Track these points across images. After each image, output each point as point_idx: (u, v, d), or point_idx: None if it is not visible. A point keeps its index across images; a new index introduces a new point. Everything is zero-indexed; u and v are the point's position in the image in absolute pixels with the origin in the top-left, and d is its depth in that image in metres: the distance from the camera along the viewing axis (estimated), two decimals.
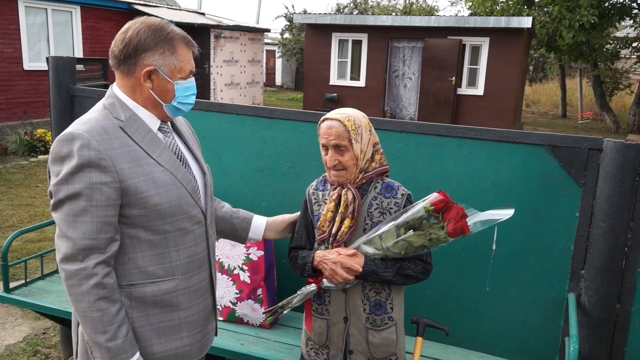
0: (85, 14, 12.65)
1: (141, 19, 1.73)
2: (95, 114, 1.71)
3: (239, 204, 3.14)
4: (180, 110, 1.79)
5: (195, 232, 1.81)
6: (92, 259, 1.61)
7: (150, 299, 1.74)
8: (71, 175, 1.59)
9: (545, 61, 31.36)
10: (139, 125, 1.73)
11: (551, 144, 2.60)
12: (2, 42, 10.99)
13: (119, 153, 1.64)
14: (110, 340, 1.63)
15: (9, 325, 4.13)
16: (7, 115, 10.95)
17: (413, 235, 1.96)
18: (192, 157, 1.90)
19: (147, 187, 1.66)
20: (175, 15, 14.77)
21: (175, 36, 1.71)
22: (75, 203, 1.60)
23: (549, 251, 2.68)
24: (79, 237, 1.60)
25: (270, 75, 30.16)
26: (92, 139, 1.60)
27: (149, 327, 1.75)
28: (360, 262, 2.01)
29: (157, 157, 1.72)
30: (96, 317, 1.62)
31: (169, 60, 1.70)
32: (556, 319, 2.71)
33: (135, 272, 1.72)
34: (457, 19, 15.48)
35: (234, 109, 3.20)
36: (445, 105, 15.29)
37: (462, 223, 1.95)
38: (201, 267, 1.86)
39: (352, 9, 29.25)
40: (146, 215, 1.68)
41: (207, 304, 1.92)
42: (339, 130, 2.00)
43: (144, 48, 1.67)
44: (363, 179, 2.07)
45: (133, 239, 1.70)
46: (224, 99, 16.15)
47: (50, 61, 3.61)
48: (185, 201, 1.76)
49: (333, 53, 16.66)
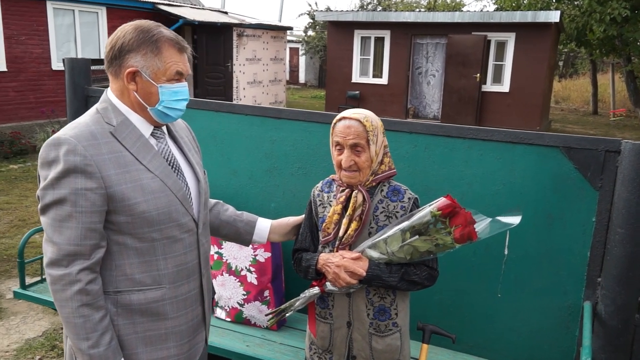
0: (111, 14, 12.84)
1: (134, 22, 1.71)
2: (87, 118, 1.69)
3: (248, 204, 3.13)
4: (168, 115, 1.74)
5: (185, 240, 1.77)
6: (77, 264, 1.59)
7: (136, 307, 1.70)
8: (57, 180, 1.57)
9: (575, 56, 30.72)
10: (131, 130, 1.69)
11: (566, 146, 2.51)
12: (32, 43, 11.23)
13: (106, 159, 1.61)
14: (92, 348, 1.61)
15: (30, 320, 4.21)
16: (36, 114, 11.18)
17: (419, 240, 1.92)
18: (187, 163, 1.86)
19: (134, 193, 1.63)
20: (198, 15, 14.87)
21: (160, 38, 1.66)
22: (61, 208, 1.58)
23: (564, 257, 2.58)
24: (63, 242, 1.58)
25: (294, 73, 30.22)
26: (78, 145, 1.58)
27: (134, 335, 1.72)
28: (364, 266, 1.97)
29: (147, 163, 1.69)
30: (79, 324, 1.60)
31: (152, 62, 1.66)
32: (571, 327, 2.62)
33: (122, 279, 1.69)
34: (481, 14, 15.21)
35: (242, 109, 3.17)
36: (469, 103, 15.06)
37: (470, 229, 1.90)
38: (191, 277, 1.81)
39: (376, 5, 29.07)
40: (133, 223, 1.65)
41: (196, 314, 1.87)
42: (358, 129, 1.95)
43: (127, 49, 1.65)
44: (373, 181, 2.03)
45: (120, 245, 1.67)
46: (247, 97, 16.20)
47: (66, 63, 3.65)
48: (175, 209, 1.72)
49: (355, 50, 16.56)
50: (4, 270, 5.06)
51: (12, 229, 6.12)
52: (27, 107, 11.24)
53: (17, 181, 8.26)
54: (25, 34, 11.06)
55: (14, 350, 3.78)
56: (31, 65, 11.26)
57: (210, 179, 3.16)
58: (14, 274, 4.96)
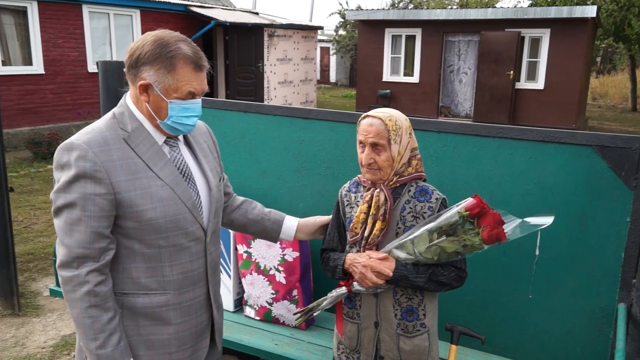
0: (145, 17, 13.07)
1: (157, 32, 1.70)
2: (102, 123, 1.72)
3: (276, 204, 3.14)
4: (177, 129, 1.74)
5: (191, 249, 1.78)
6: (86, 266, 1.62)
7: (140, 310, 1.73)
8: (68, 184, 1.61)
9: (614, 52, 29.92)
10: (144, 137, 1.71)
11: (599, 144, 2.45)
12: (69, 46, 11.52)
13: (117, 165, 1.63)
14: (100, 348, 1.63)
15: (66, 317, 4.32)
16: (72, 115, 11.48)
17: (446, 241, 1.90)
18: (200, 171, 1.86)
19: (142, 200, 1.65)
20: (229, 16, 15.02)
21: (177, 55, 1.65)
22: (71, 212, 1.62)
23: (597, 258, 2.52)
24: (73, 245, 1.61)
25: (325, 73, 30.23)
26: (89, 151, 1.61)
27: (138, 337, 1.75)
28: (390, 267, 1.96)
29: (158, 171, 1.70)
30: (87, 324, 1.63)
31: (164, 78, 1.65)
32: (605, 330, 2.55)
33: (129, 282, 1.72)
34: (515, 10, 14.95)
35: (271, 109, 3.19)
36: (502, 101, 14.82)
37: (498, 230, 1.87)
38: (197, 284, 1.82)
39: (407, 3, 28.86)
40: (140, 229, 1.67)
41: (200, 321, 1.88)
42: (379, 128, 1.95)
43: (143, 61, 1.65)
44: (397, 182, 2.02)
45: (128, 249, 1.70)
46: (277, 97, 16.29)
47: (100, 66, 3.73)
48: (183, 217, 1.73)
49: (386, 49, 16.48)
50: (41, 269, 5.20)
51: (50, 228, 6.29)
52: (64, 108, 11.55)
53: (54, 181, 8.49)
54: (62, 37, 11.36)
55: (51, 346, 3.88)
56: (68, 68, 11.56)
57: (239, 179, 3.23)
58: (51, 271, 5.09)
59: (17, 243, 5.35)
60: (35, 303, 4.51)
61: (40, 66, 11.03)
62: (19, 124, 10.62)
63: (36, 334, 4.03)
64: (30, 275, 5.04)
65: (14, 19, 10.71)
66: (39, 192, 7.85)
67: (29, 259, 5.40)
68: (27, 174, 8.87)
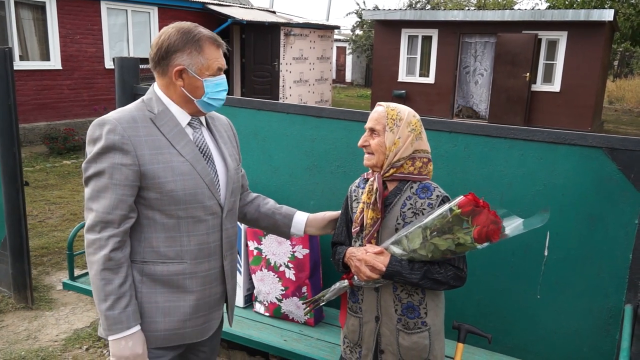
0: (162, 14, 13.17)
1: (174, 24, 1.87)
2: (132, 106, 1.88)
3: (288, 201, 3.16)
4: (212, 105, 1.91)
5: (209, 222, 1.91)
6: (107, 231, 1.75)
7: (159, 277, 1.85)
8: (99, 155, 1.75)
9: (631, 55, 29.59)
10: (169, 119, 1.86)
11: (609, 147, 2.46)
12: (86, 42, 11.64)
13: (142, 140, 1.78)
14: (108, 309, 1.75)
15: (79, 310, 4.37)
16: (89, 111, 11.60)
17: (440, 238, 1.89)
18: (219, 153, 2.00)
19: (164, 173, 1.79)
20: (247, 14, 15.09)
21: (202, 37, 1.83)
22: (99, 180, 1.76)
23: (605, 259, 2.53)
24: (100, 209, 1.75)
25: (341, 72, 30.23)
26: (119, 125, 1.76)
27: (155, 304, 1.86)
28: (384, 261, 1.97)
29: (181, 148, 1.84)
30: (100, 286, 1.76)
31: (197, 59, 1.83)
32: (611, 330, 2.56)
33: (149, 250, 1.84)
34: (532, 12, 14.86)
35: (284, 107, 3.23)
36: (518, 103, 14.74)
37: (490, 229, 1.84)
38: (212, 256, 1.94)
39: (424, 4, 28.78)
40: (161, 199, 1.80)
41: (214, 292, 1.99)
42: (380, 115, 2.04)
43: (174, 50, 1.81)
44: (394, 176, 2.04)
45: (149, 220, 1.83)
46: (293, 95, 16.33)
47: (116, 62, 3.80)
48: (201, 192, 1.86)
49: (402, 49, 16.45)
50: (55, 262, 5.26)
51: (64, 222, 6.38)
52: (81, 104, 11.67)
53: (69, 176, 8.58)
54: (80, 33, 11.49)
55: (63, 340, 3.93)
56: (85, 64, 11.67)
57: (251, 176, 3.27)
58: (64, 266, 5.15)
59: (31, 237, 5.43)
60: (49, 297, 4.56)
61: (57, 62, 11.15)
62: (35, 119, 10.76)
63: (49, 328, 4.08)
64: (43, 269, 5.10)
65: (32, 14, 10.85)
66: (54, 187, 7.94)
67: (43, 252, 5.46)
68: (42, 168, 8.98)
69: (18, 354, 3.70)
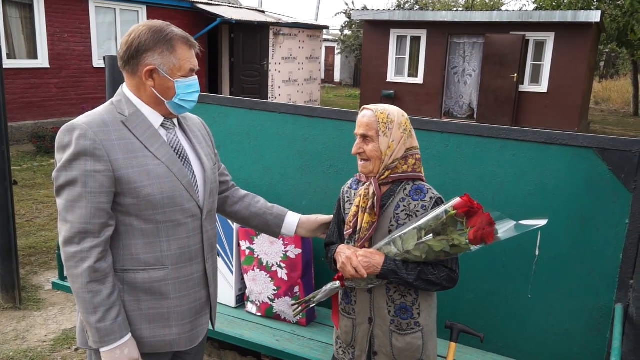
0: (151, 13, 13.10)
1: (145, 22, 1.81)
2: (101, 109, 1.82)
3: (280, 201, 3.16)
4: (183, 107, 1.85)
5: (189, 225, 1.86)
6: (87, 242, 1.70)
7: (140, 285, 1.81)
8: (69, 162, 1.69)
9: (617, 57, 29.92)
10: (141, 121, 1.81)
11: (600, 147, 2.48)
12: (74, 40, 11.55)
13: (115, 144, 1.72)
14: (99, 322, 1.72)
15: (67, 311, 4.34)
16: (76, 110, 11.49)
17: (434, 240, 1.89)
18: (195, 154, 1.95)
19: (140, 177, 1.74)
20: (236, 13, 15.05)
21: (174, 36, 1.78)
22: (73, 189, 1.70)
23: (596, 259, 2.55)
24: (75, 220, 1.69)
25: (329, 72, 30.26)
26: (89, 130, 1.69)
27: (139, 312, 1.83)
28: (379, 261, 1.96)
29: (155, 151, 1.79)
30: (87, 299, 1.71)
31: (168, 59, 1.77)
32: (602, 330, 2.59)
33: (128, 258, 1.79)
34: (520, 13, 14.98)
35: (276, 107, 3.23)
36: (506, 103, 14.85)
37: (486, 231, 1.84)
38: (193, 260, 1.90)
39: (413, 4, 28.88)
40: (138, 205, 1.75)
41: (199, 297, 1.95)
42: (370, 120, 1.99)
43: (144, 49, 1.75)
44: (390, 178, 2.03)
45: (127, 226, 1.78)
46: (282, 95, 16.32)
47: (107, 61, 3.76)
48: (180, 194, 1.82)
49: (391, 49, 16.50)
50: (43, 262, 5.22)
51: (52, 222, 6.32)
52: (68, 103, 11.59)
53: None
54: (67, 32, 11.40)
55: (52, 340, 3.90)
56: (73, 63, 11.59)
57: (243, 175, 3.27)
58: (52, 265, 5.11)
59: (19, 237, 5.37)
60: (37, 297, 4.53)
61: (45, 60, 11.06)
62: (23, 118, 10.66)
63: (37, 328, 4.05)
64: (31, 269, 5.06)
65: (19, 12, 10.74)
66: (42, 186, 7.87)
67: (31, 252, 5.42)
68: (30, 167, 8.90)
69: (6, 354, 3.67)
